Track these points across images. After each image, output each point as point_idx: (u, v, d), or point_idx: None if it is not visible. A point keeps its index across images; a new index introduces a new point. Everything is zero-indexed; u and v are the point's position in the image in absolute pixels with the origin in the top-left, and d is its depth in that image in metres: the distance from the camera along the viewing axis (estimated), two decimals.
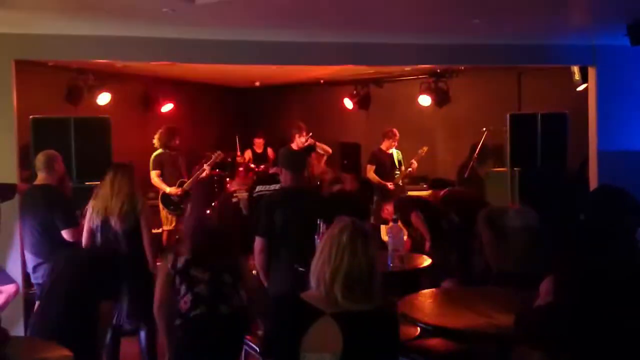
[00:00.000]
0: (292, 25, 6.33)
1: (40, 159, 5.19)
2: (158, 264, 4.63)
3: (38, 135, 6.42)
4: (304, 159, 5.15)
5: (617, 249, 2.92)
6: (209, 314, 3.62)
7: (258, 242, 4.44)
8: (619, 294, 2.40)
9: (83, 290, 3.88)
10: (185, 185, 7.71)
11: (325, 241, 2.49)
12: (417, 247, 6.38)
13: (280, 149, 7.89)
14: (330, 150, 8.55)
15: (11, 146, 6.10)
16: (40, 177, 5.17)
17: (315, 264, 2.47)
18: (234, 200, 6.54)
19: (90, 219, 4.90)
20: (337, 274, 2.39)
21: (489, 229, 4.29)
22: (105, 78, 8.92)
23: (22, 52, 6.27)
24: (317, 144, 8.29)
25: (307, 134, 8.15)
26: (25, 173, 6.17)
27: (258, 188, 5.72)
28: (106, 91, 8.91)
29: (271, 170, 5.94)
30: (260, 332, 4.18)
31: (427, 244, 6.15)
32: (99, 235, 4.88)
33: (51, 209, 5.02)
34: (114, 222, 4.83)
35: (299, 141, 8.03)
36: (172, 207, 7.75)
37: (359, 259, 2.41)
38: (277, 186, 5.54)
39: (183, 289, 3.66)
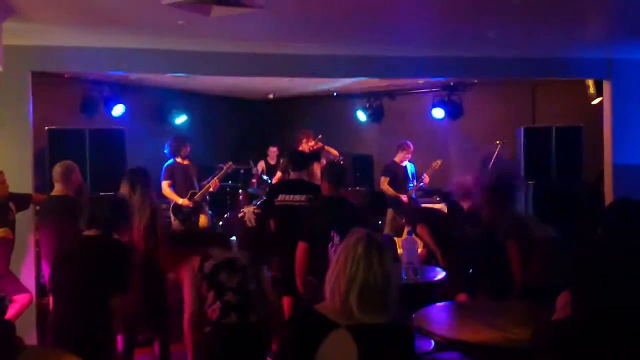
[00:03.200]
0: (306, 37, 6.36)
1: (57, 170, 5.22)
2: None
3: (53, 146, 6.48)
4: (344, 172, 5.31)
5: (635, 263, 2.88)
6: (240, 323, 3.60)
7: (301, 247, 4.70)
8: (637, 309, 2.37)
9: (93, 279, 3.84)
10: (196, 196, 7.72)
11: (341, 252, 2.47)
12: (432, 258, 6.35)
13: (288, 151, 7.99)
14: (337, 154, 8.58)
15: (27, 157, 6.15)
16: (58, 188, 5.20)
17: (330, 275, 2.46)
18: (240, 215, 6.51)
19: None
20: (353, 286, 2.37)
21: (516, 240, 4.21)
22: (120, 90, 9.00)
23: (39, 63, 6.33)
24: (326, 147, 8.32)
25: (315, 138, 8.18)
26: (39, 180, 6.21)
27: (280, 197, 5.67)
28: (121, 103, 8.98)
29: (293, 176, 5.87)
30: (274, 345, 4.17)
31: (439, 257, 6.13)
32: None
33: (68, 219, 5.03)
34: (137, 237, 4.79)
35: (306, 146, 8.03)
36: (182, 218, 7.76)
37: (374, 270, 2.39)
38: (302, 197, 5.53)
39: (211, 296, 3.63)
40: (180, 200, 7.65)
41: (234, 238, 7.07)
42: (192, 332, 3.79)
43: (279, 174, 7.81)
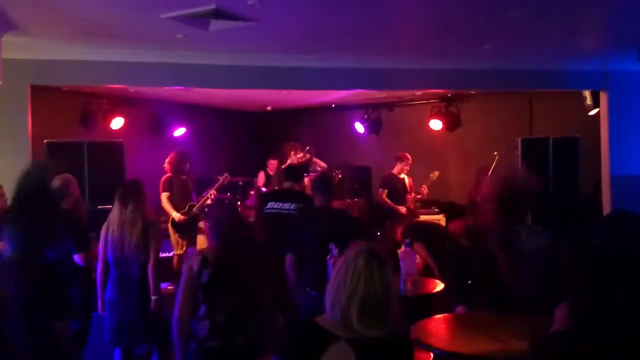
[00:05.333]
0: (303, 50, 6.40)
1: (55, 183, 5.21)
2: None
3: (52, 159, 6.48)
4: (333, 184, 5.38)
5: (632, 274, 2.88)
6: (226, 346, 3.59)
7: (289, 259, 4.73)
8: (636, 321, 2.38)
9: (35, 305, 3.81)
10: (194, 209, 7.72)
11: (341, 265, 2.47)
12: (429, 269, 6.38)
13: (285, 167, 8.01)
14: (325, 166, 8.60)
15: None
16: None
17: (331, 288, 2.46)
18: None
19: (103, 247, 4.86)
20: (353, 298, 2.37)
21: (505, 251, 4.22)
22: (119, 102, 9.02)
23: (38, 77, 6.36)
24: (314, 159, 8.34)
25: (302, 150, 8.20)
26: None
27: (270, 204, 5.68)
28: (119, 115, 9.00)
29: (285, 185, 5.88)
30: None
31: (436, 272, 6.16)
32: (111, 264, 4.85)
33: (65, 232, 5.02)
34: (129, 253, 4.78)
35: (294, 158, 8.04)
36: (181, 231, 7.75)
37: (375, 283, 2.39)
38: (292, 205, 5.53)
39: (203, 311, 3.61)
40: (174, 214, 7.63)
41: None
42: (178, 340, 3.71)
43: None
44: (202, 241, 7.80)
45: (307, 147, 8.51)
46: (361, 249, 2.46)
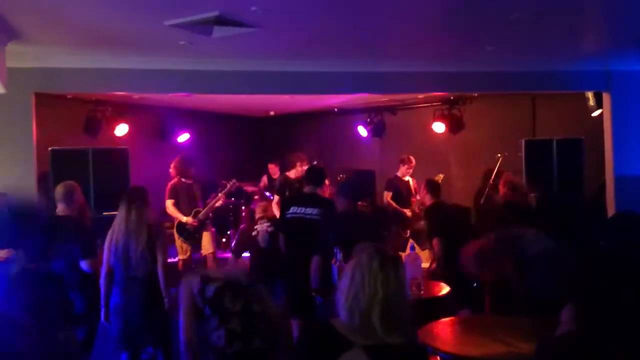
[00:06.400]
0: (306, 55, 6.41)
1: (59, 190, 5.23)
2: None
3: (57, 166, 6.51)
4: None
5: (637, 275, 2.88)
6: (245, 350, 3.57)
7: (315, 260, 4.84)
8: None
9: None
10: (200, 214, 7.74)
11: (355, 270, 2.41)
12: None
13: (279, 179, 8.03)
14: (327, 183, 8.58)
15: (31, 178, 6.18)
16: (60, 208, 5.20)
17: (347, 294, 2.39)
18: (254, 234, 6.47)
19: (108, 253, 4.90)
20: (374, 304, 2.32)
21: (510, 254, 4.21)
22: (123, 109, 9.05)
23: (42, 85, 6.39)
24: None
25: (309, 162, 8.19)
26: (43, 201, 6.23)
27: (293, 209, 5.64)
28: (124, 122, 9.03)
29: (306, 190, 5.82)
30: None
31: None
32: (117, 270, 4.88)
33: (70, 240, 5.05)
34: (134, 258, 4.82)
35: (300, 169, 8.05)
36: (186, 236, 7.77)
37: (392, 286, 2.34)
38: (314, 210, 5.48)
39: (215, 322, 3.58)
40: (184, 219, 7.67)
41: (247, 254, 7.07)
42: (192, 356, 3.72)
43: (276, 197, 7.83)
44: (206, 246, 7.83)
45: (315, 162, 8.49)
46: (372, 251, 2.42)
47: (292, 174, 8.05)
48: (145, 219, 4.89)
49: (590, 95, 7.97)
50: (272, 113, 11.14)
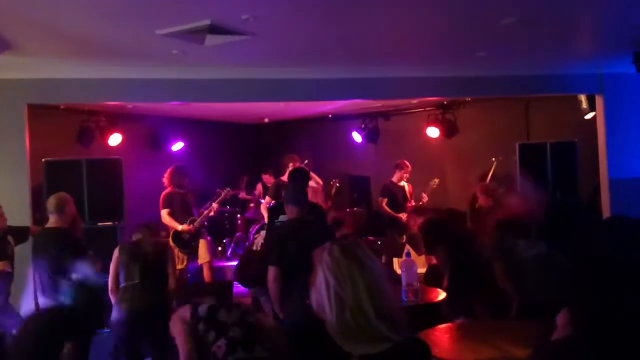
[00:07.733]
0: (299, 62, 6.42)
1: (51, 202, 5.21)
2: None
3: (51, 177, 6.49)
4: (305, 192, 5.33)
5: (632, 280, 2.88)
6: (248, 357, 3.54)
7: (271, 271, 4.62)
8: (636, 327, 2.37)
9: None
10: (196, 223, 7.72)
11: (324, 273, 2.22)
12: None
13: (274, 183, 8.00)
14: (320, 182, 8.57)
15: (24, 189, 6.17)
16: (52, 220, 5.19)
17: (329, 300, 2.19)
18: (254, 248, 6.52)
19: (114, 268, 5.04)
20: (359, 291, 2.15)
21: (502, 260, 4.23)
22: (116, 119, 9.03)
23: (35, 96, 6.38)
24: (311, 173, 8.34)
25: (301, 163, 8.18)
26: (37, 213, 6.22)
27: (281, 217, 5.66)
28: (117, 132, 9.00)
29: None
30: None
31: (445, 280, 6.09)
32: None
33: (61, 252, 5.04)
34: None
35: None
36: (183, 245, 7.75)
37: (370, 270, 2.19)
38: (285, 217, 5.50)
39: (212, 335, 3.55)
40: (180, 227, 7.64)
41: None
42: None
43: (267, 198, 7.81)
44: (203, 255, 7.82)
45: (306, 161, 8.51)
46: (328, 248, 2.25)
47: (285, 177, 8.04)
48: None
49: (583, 98, 8.00)
50: (266, 120, 11.14)
